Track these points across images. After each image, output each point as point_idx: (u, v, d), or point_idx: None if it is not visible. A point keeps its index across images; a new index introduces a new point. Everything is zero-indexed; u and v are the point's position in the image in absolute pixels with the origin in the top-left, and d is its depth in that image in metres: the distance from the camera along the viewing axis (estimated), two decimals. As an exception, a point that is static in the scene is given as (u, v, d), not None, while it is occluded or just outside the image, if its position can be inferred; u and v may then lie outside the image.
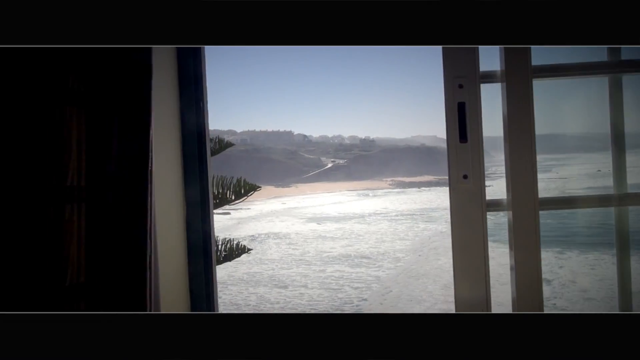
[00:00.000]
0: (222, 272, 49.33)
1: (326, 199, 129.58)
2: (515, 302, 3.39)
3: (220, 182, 4.03)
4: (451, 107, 3.01)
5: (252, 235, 74.28)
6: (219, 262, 4.55)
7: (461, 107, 2.95)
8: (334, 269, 50.74)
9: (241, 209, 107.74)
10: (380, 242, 65.17)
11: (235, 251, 4.59)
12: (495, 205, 3.23)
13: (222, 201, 4.12)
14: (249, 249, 4.70)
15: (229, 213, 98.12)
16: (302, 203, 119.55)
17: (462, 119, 2.97)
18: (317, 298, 40.96)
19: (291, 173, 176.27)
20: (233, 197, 4.05)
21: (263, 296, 42.05)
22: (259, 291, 43.59)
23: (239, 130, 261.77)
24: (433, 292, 39.82)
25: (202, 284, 3.47)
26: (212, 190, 4.22)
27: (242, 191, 4.12)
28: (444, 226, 75.18)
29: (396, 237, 67.50)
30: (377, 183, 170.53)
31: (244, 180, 4.09)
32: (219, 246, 4.58)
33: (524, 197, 3.04)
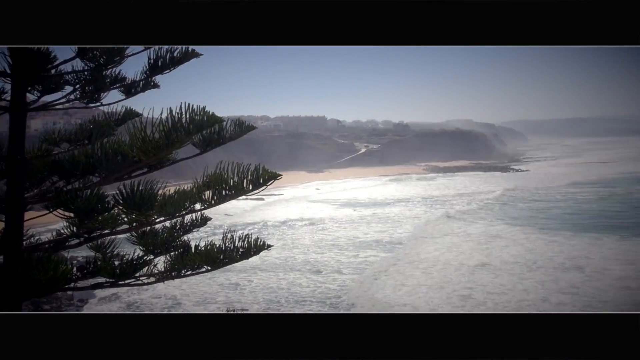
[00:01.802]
0: (253, 257, 49.74)
1: (360, 184, 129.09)
2: None
3: (236, 169, 3.82)
4: None
5: (284, 221, 74.70)
6: (235, 260, 4.41)
7: None
8: (368, 254, 50.59)
9: (273, 194, 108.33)
10: (416, 227, 64.62)
11: (253, 248, 4.40)
12: None
13: (237, 192, 3.86)
14: (269, 245, 4.49)
15: (262, 199, 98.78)
16: (336, 188, 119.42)
17: None
18: (351, 284, 40.92)
19: (324, 158, 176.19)
20: (250, 187, 3.83)
21: (294, 281, 42.28)
22: (290, 277, 43.84)
23: (272, 116, 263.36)
24: (453, 279, 39.36)
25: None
26: (228, 178, 4.12)
27: (261, 180, 3.90)
28: (481, 210, 73.98)
29: (432, 222, 66.80)
30: (412, 168, 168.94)
31: (263, 168, 3.87)
32: (236, 242, 4.40)
33: None
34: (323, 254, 51.90)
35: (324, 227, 67.60)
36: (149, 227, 5.19)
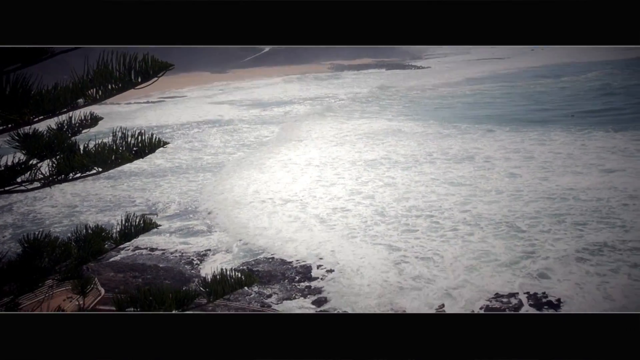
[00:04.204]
0: (159, 159, 48.50)
1: (265, 83, 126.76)
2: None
3: (122, 60, 3.37)
4: None
5: (189, 122, 72.61)
6: (128, 160, 4.12)
7: None
8: (280, 150, 50.96)
9: (176, 96, 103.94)
10: (319, 125, 65.38)
11: (147, 146, 4.11)
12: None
13: (125, 84, 3.44)
14: (165, 143, 4.23)
15: (163, 101, 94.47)
16: (241, 88, 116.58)
17: None
18: (238, 181, 41.40)
19: (228, 58, 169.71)
20: (139, 79, 3.45)
21: (205, 183, 42.01)
22: (200, 178, 43.47)
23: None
24: (346, 175, 41.06)
25: None
26: (113, 70, 3.71)
27: (151, 71, 3.52)
28: (385, 107, 75.94)
29: (335, 120, 67.83)
30: (317, 67, 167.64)
31: (152, 58, 3.46)
32: (128, 140, 4.09)
33: None
34: (232, 155, 51.59)
35: (233, 128, 66.81)
36: (31, 129, 4.72)
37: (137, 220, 5.22)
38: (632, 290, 21.29)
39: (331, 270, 24.49)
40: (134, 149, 4.32)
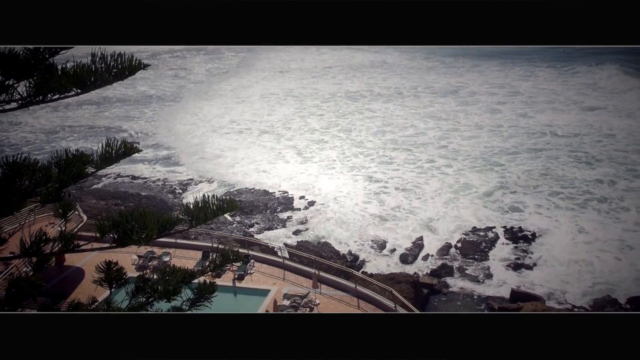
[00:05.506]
0: (143, 86, 47.48)
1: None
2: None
3: None
4: None
5: (172, 50, 70.59)
6: (108, 82, 4.06)
7: None
8: (260, 76, 50.32)
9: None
10: (304, 55, 64.11)
11: (127, 68, 4.05)
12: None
13: None
14: (146, 65, 4.15)
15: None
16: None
17: None
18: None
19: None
20: None
21: (183, 110, 41.44)
22: (180, 105, 42.84)
23: None
24: (326, 108, 40.79)
25: None
26: None
27: None
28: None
29: (320, 49, 66.63)
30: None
31: None
32: (108, 61, 4.01)
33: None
34: (219, 83, 50.76)
35: (218, 56, 65.42)
36: (6, 49, 4.61)
37: (118, 145, 5.22)
38: (603, 224, 22.10)
39: (312, 202, 24.83)
40: (114, 70, 4.25)
